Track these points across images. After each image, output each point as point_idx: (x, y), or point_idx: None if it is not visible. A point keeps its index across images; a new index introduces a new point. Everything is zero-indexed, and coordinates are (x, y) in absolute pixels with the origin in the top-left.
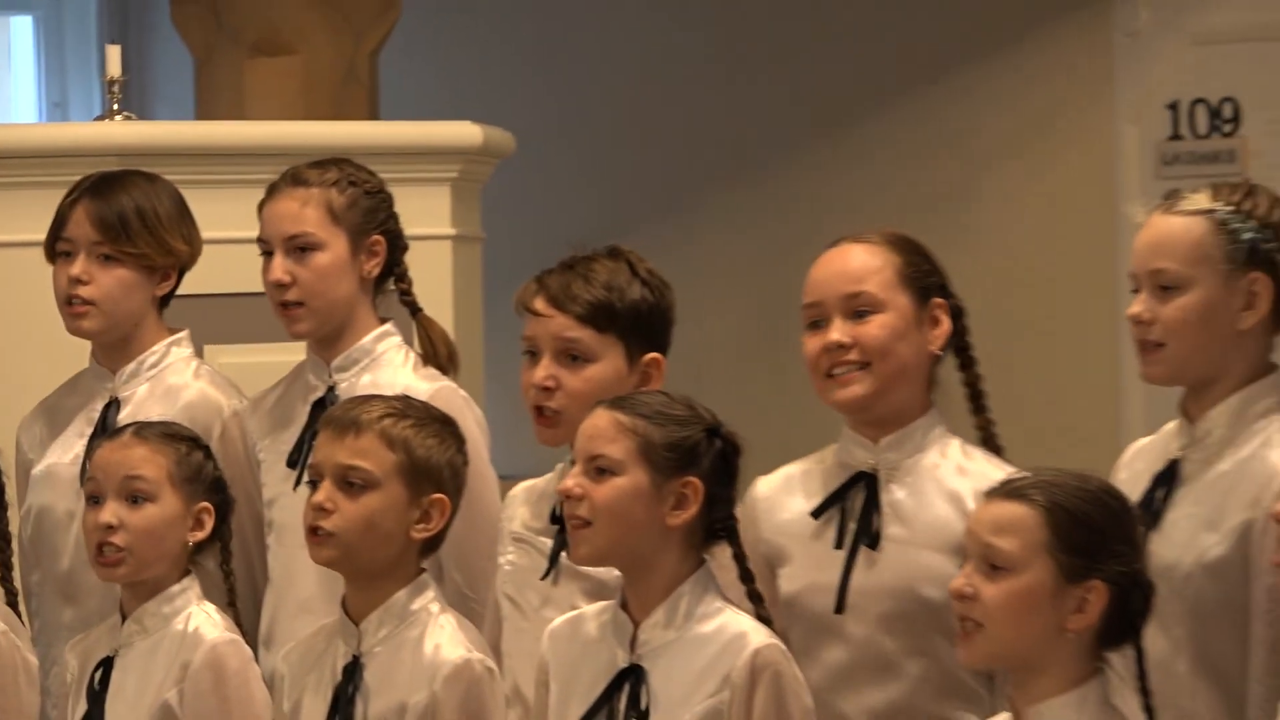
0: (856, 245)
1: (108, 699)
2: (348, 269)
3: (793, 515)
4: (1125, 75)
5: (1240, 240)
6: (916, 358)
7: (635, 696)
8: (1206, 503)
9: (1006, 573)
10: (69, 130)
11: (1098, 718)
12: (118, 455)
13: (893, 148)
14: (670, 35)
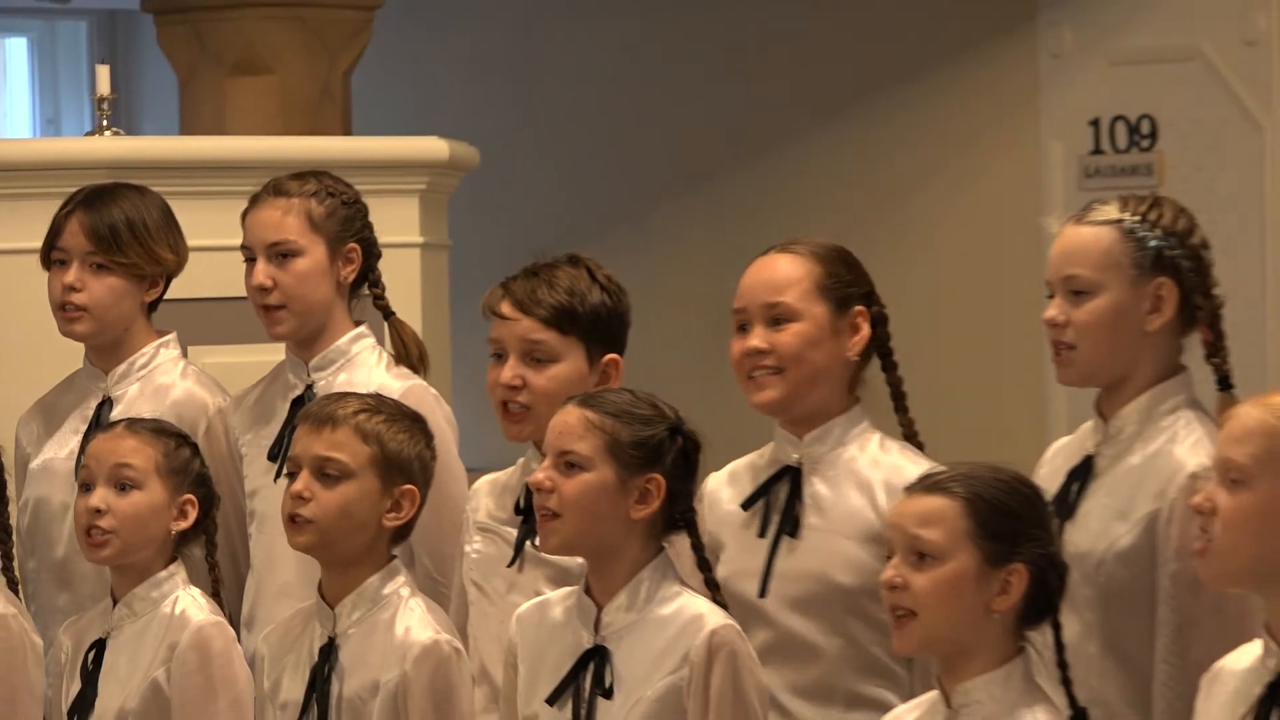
0: (782, 256)
1: (100, 678)
2: (325, 274)
3: (730, 507)
4: (1050, 94)
5: (1147, 247)
6: (831, 363)
7: (600, 675)
8: (1118, 494)
9: (934, 561)
10: (61, 145)
11: (1021, 693)
12: (110, 445)
13: (832, 162)
14: (623, 61)
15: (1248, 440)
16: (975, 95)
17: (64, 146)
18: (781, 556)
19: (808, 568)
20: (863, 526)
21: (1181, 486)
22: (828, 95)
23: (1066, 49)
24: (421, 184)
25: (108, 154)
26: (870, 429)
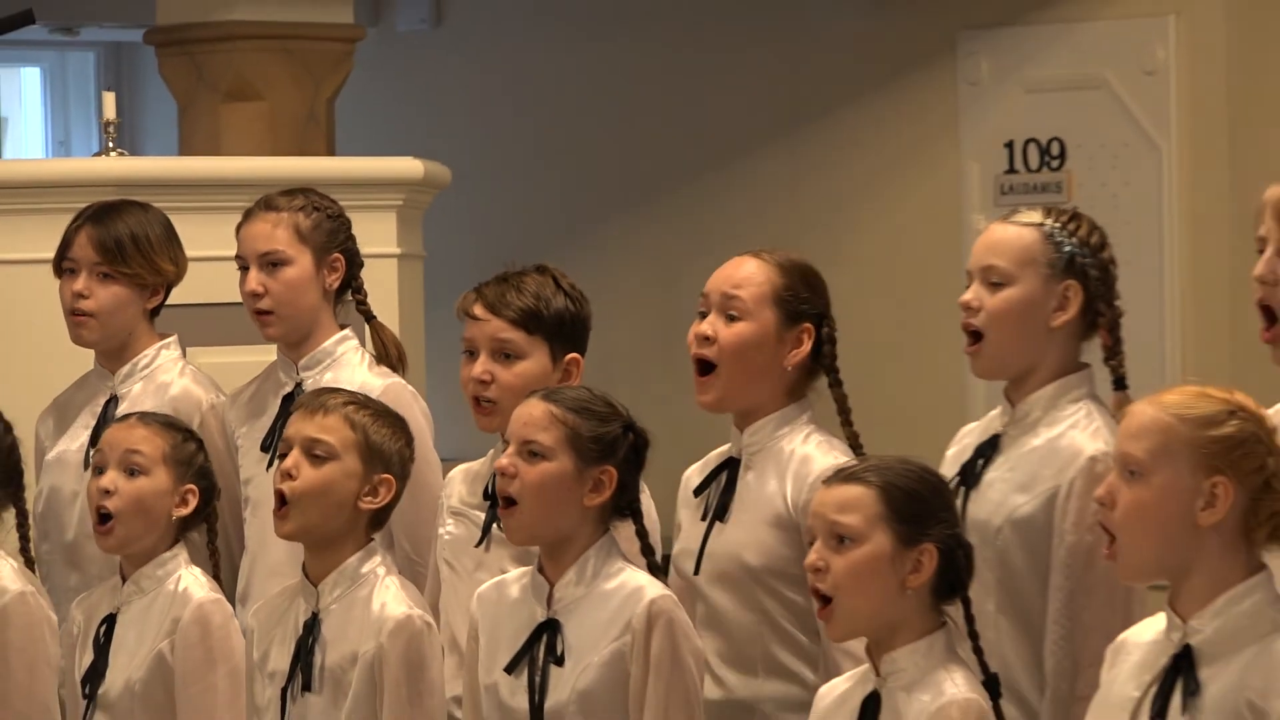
0: (754, 258)
1: (110, 650)
2: (312, 282)
3: (688, 492)
4: (968, 118)
5: (1062, 251)
6: (768, 367)
7: (552, 645)
8: (1020, 470)
9: (852, 544)
10: (71, 165)
11: (942, 661)
12: (123, 434)
13: (770, 181)
14: (581, 88)
15: (1144, 436)
16: (901, 119)
17: (74, 166)
18: (712, 538)
19: (727, 549)
20: (772, 512)
21: (1081, 468)
22: (768, 119)
23: (983, 78)
24: (398, 200)
25: (114, 173)
26: (805, 424)
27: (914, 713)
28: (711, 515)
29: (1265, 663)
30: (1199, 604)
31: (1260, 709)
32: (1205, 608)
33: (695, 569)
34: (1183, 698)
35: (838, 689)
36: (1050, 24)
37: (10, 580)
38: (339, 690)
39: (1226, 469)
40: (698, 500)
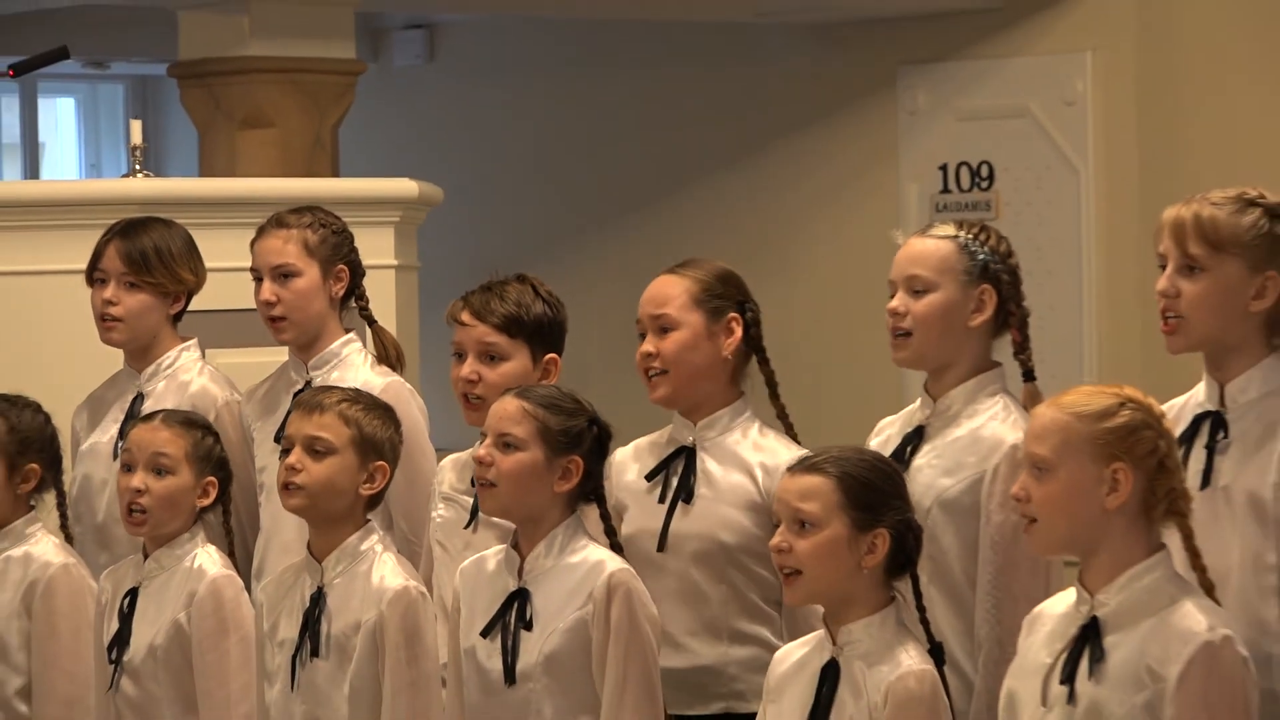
0: (669, 276)
1: (134, 619)
2: (320, 291)
3: (633, 477)
4: (907, 144)
5: (976, 259)
6: (710, 361)
7: (522, 612)
8: (946, 456)
9: (813, 528)
10: (102, 185)
11: (894, 633)
12: (149, 435)
13: (728, 201)
14: (558, 116)
15: (1047, 436)
16: (846, 145)
17: (104, 187)
18: (677, 519)
19: (699, 529)
20: (744, 498)
21: (1004, 454)
22: (726, 145)
23: (920, 108)
24: (395, 216)
25: (140, 193)
26: (752, 419)
27: (873, 684)
28: (674, 498)
29: (1163, 633)
30: (1105, 579)
31: (1158, 674)
32: (1111, 583)
33: (659, 546)
34: (1090, 664)
35: (794, 654)
36: (980, 60)
37: (54, 554)
38: (344, 655)
39: (1124, 455)
40: (649, 485)
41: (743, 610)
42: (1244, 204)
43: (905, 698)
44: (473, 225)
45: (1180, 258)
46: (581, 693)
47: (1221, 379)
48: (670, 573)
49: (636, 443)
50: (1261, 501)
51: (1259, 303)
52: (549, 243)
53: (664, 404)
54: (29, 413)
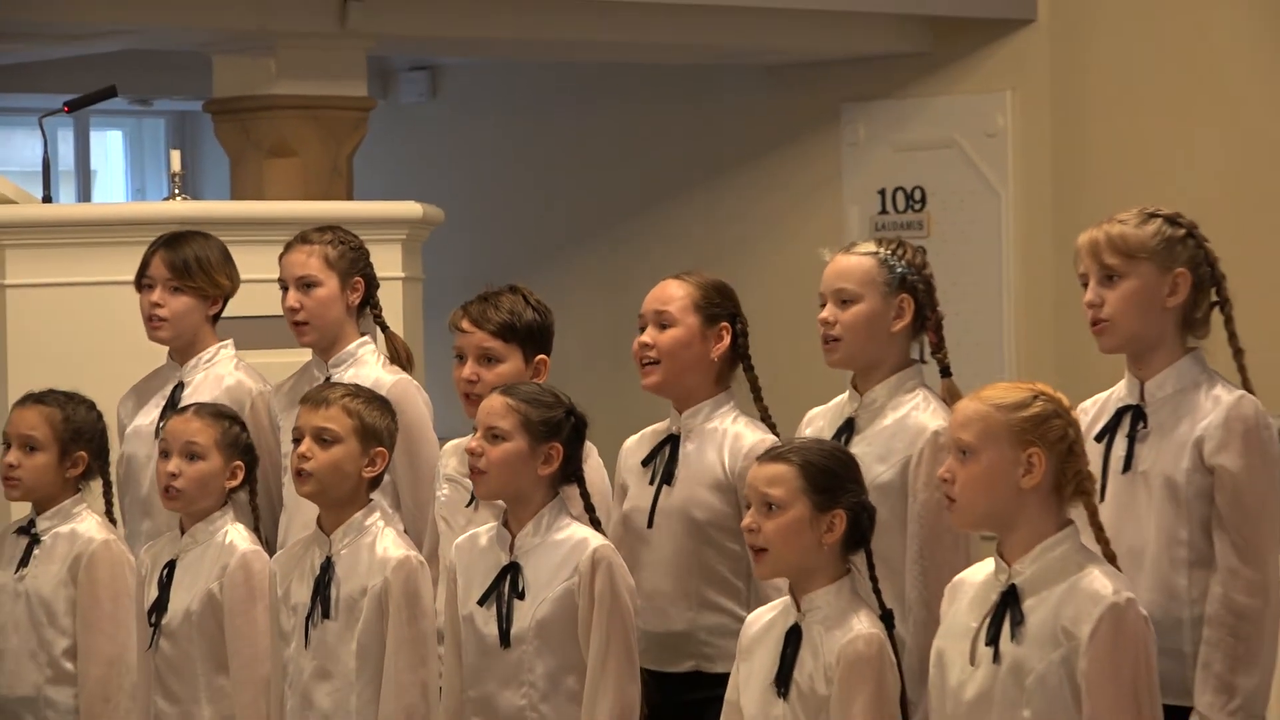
0: (675, 280)
1: (172, 588)
2: (338, 300)
3: (634, 461)
4: (849, 171)
5: (895, 272)
6: (698, 360)
7: (515, 583)
8: (876, 445)
9: (779, 510)
10: (146, 207)
11: (849, 601)
12: (182, 426)
13: (691, 220)
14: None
15: (970, 424)
16: (795, 172)
17: (148, 209)
18: (662, 498)
19: (676, 507)
20: (713, 478)
21: (927, 440)
22: (690, 171)
23: (861, 140)
24: (403, 235)
25: (179, 214)
26: (732, 410)
27: (829, 646)
28: (659, 480)
29: (1075, 597)
30: (1021, 551)
31: (1071, 633)
32: (1026, 554)
33: (648, 523)
34: (1011, 626)
35: (763, 618)
36: (913, 98)
37: (97, 531)
38: (352, 616)
39: (1037, 441)
40: (643, 469)
41: (712, 581)
42: (1146, 217)
43: (855, 658)
44: (470, 242)
45: (1099, 271)
46: (568, 654)
47: (1142, 376)
48: (655, 546)
49: (643, 431)
50: (1175, 485)
51: (1173, 299)
52: (536, 257)
53: (653, 390)
54: (83, 408)
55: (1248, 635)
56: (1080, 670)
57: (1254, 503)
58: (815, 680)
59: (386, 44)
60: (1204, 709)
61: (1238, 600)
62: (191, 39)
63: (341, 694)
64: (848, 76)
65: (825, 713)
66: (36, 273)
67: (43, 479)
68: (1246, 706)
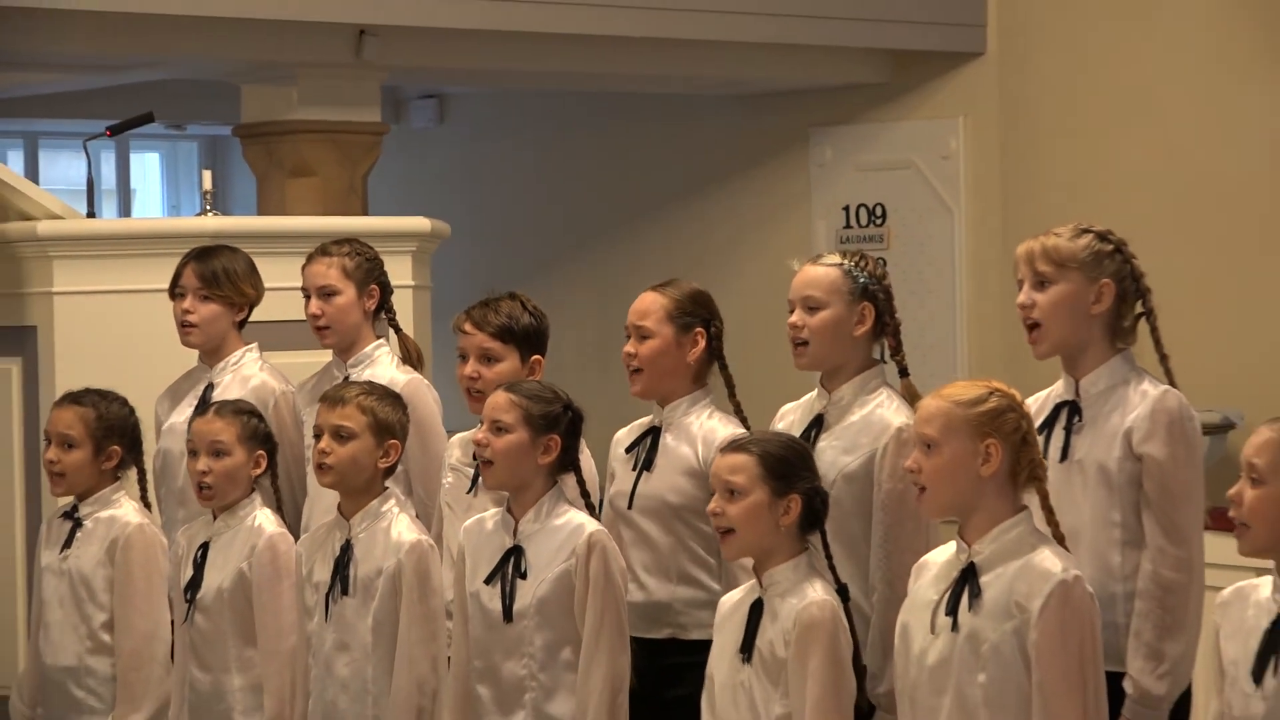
0: (652, 292)
1: (206, 567)
2: (355, 306)
3: (621, 450)
4: (817, 189)
5: (858, 281)
6: (677, 365)
7: (518, 564)
8: (843, 439)
9: (741, 495)
10: (180, 223)
11: (805, 574)
12: (206, 426)
13: (674, 233)
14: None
15: (933, 420)
16: (768, 190)
17: (182, 224)
18: (641, 483)
19: (653, 491)
20: (687, 466)
21: (892, 435)
22: (673, 189)
23: (828, 161)
24: (413, 247)
25: (210, 229)
26: (708, 405)
27: (786, 612)
28: (640, 467)
29: (1027, 574)
30: (980, 533)
31: (1024, 606)
32: (985, 536)
33: (629, 505)
34: (969, 599)
35: (734, 598)
36: (874, 123)
37: (133, 516)
38: (368, 593)
39: (994, 433)
40: (628, 456)
41: (687, 557)
42: (1079, 231)
43: (809, 622)
44: (473, 254)
45: (1033, 276)
46: (565, 629)
47: (1076, 376)
48: (635, 525)
49: (633, 424)
50: (1108, 471)
51: (1098, 306)
52: (533, 266)
53: (640, 396)
54: (115, 405)
55: (1174, 607)
56: (1031, 640)
57: (1179, 487)
58: (775, 644)
59: (398, 74)
60: (1136, 674)
61: (1165, 575)
62: (221, 70)
63: (359, 664)
64: (815, 104)
65: (784, 674)
66: (81, 281)
67: (80, 472)
68: (1174, 671)
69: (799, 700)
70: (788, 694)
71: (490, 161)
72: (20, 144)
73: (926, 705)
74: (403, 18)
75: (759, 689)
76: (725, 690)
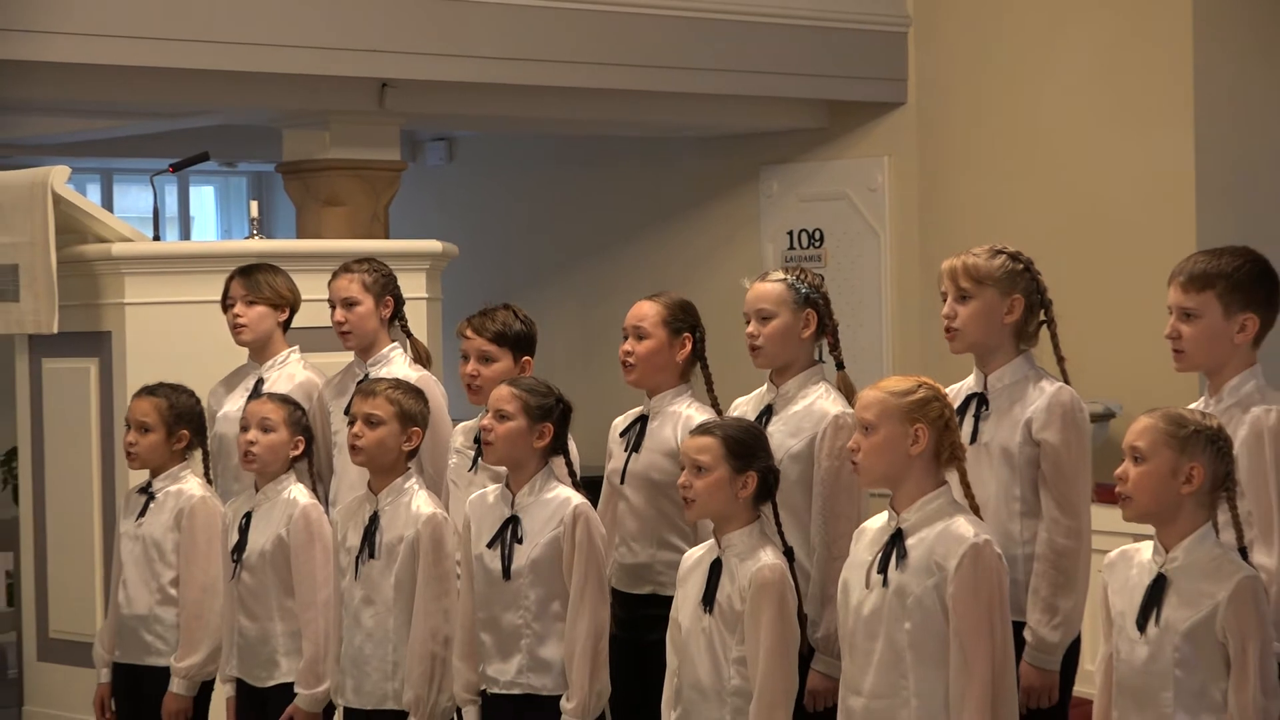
0: (648, 301)
1: (250, 532)
2: (373, 314)
3: (618, 433)
4: (766, 217)
5: (801, 293)
6: (666, 363)
7: (515, 531)
8: (790, 424)
9: (706, 472)
10: (232, 245)
11: (758, 540)
12: (258, 407)
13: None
14: (532, 198)
15: (870, 407)
16: (724, 218)
17: (233, 245)
18: (631, 462)
19: (640, 469)
20: (669, 449)
21: (829, 422)
22: (643, 217)
23: (774, 193)
24: (426, 265)
25: (256, 249)
26: (689, 397)
27: (743, 573)
28: (630, 449)
29: (946, 538)
30: (908, 503)
31: (942, 565)
32: (911, 506)
33: (621, 480)
34: (897, 560)
35: (696, 554)
36: (814, 161)
37: (197, 489)
38: (391, 557)
39: (922, 418)
40: (622, 439)
41: (667, 527)
42: (994, 253)
43: (763, 582)
44: (476, 271)
45: (955, 291)
46: (555, 585)
47: (985, 371)
48: (626, 497)
49: (626, 412)
50: (1010, 453)
51: (1010, 317)
52: (527, 282)
53: (633, 385)
54: (185, 396)
55: (1067, 568)
56: (949, 594)
57: (1070, 468)
58: (733, 599)
59: (414, 121)
60: (1034, 625)
61: (1059, 542)
62: (266, 116)
63: (382, 616)
64: (764, 146)
65: (741, 624)
66: (149, 294)
67: (154, 453)
68: (1066, 623)
69: (754, 646)
70: (744, 641)
71: (491, 194)
72: (97, 179)
73: (863, 649)
74: (419, 73)
75: (719, 636)
76: (690, 635)
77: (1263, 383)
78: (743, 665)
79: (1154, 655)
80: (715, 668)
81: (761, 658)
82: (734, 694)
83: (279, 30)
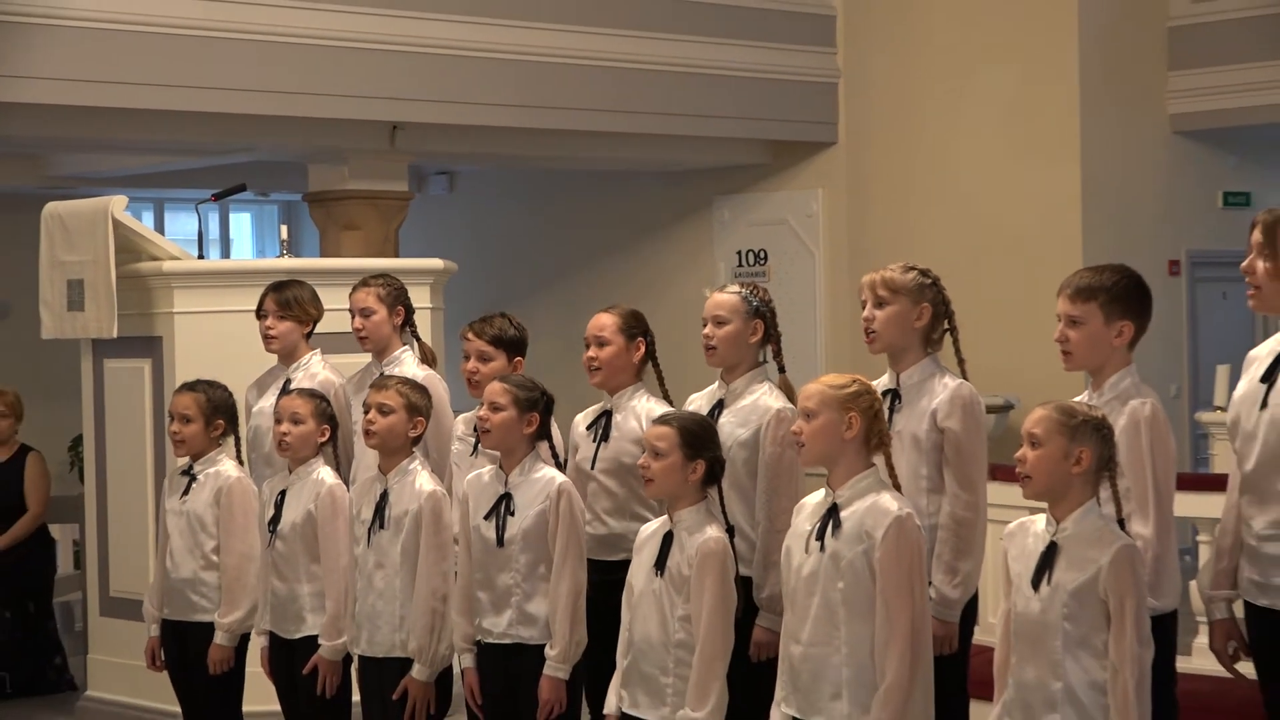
0: (606, 312)
1: (283, 508)
2: (387, 322)
3: (583, 428)
4: (718, 240)
5: (751, 304)
6: (625, 365)
7: (508, 505)
8: (738, 417)
9: (663, 456)
10: (266, 263)
11: (705, 517)
12: (290, 402)
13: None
14: (520, 224)
15: (812, 397)
16: (683, 241)
17: (267, 263)
18: (601, 450)
19: (612, 455)
20: (635, 436)
21: (772, 414)
22: (612, 241)
23: (726, 220)
24: (431, 280)
25: (287, 267)
26: (643, 393)
27: (691, 544)
28: (599, 439)
29: (874, 511)
30: (842, 482)
31: (870, 534)
32: (845, 484)
33: (592, 466)
34: (832, 529)
35: (650, 528)
36: (759, 192)
37: (233, 471)
38: (399, 529)
39: (855, 408)
40: (588, 432)
41: (636, 502)
42: (907, 268)
43: (708, 552)
44: (473, 285)
45: (873, 299)
46: (541, 551)
47: (898, 370)
48: (596, 479)
49: (586, 410)
50: (919, 440)
51: (919, 322)
52: (518, 293)
53: (598, 386)
54: (219, 390)
55: (966, 536)
56: (875, 558)
57: (969, 451)
58: (681, 566)
59: (421, 157)
60: (938, 584)
61: (959, 514)
62: (294, 153)
63: (390, 578)
64: (717, 179)
65: (686, 586)
66: (195, 305)
67: (195, 440)
68: (965, 582)
69: (698, 606)
70: (689, 601)
71: (487, 219)
72: (150, 206)
73: (802, 605)
74: (424, 116)
75: (667, 596)
76: (643, 596)
77: (1138, 379)
78: (687, 622)
79: (1046, 609)
80: (663, 624)
81: (705, 616)
82: (678, 646)
83: (306, 80)
